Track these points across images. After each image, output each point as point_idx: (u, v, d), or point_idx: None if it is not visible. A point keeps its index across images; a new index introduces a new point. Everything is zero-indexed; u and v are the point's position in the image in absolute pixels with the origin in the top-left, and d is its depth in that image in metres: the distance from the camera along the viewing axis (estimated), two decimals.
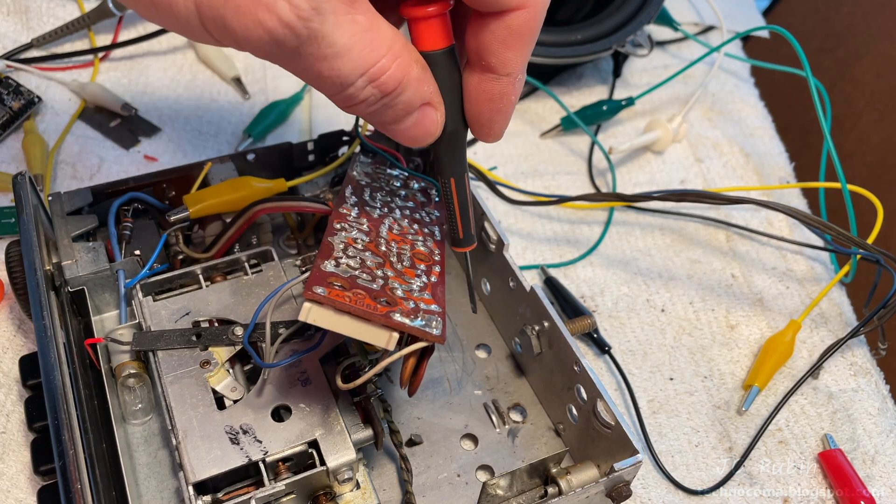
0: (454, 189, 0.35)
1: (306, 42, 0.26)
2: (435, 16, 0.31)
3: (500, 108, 0.32)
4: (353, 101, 0.29)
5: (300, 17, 0.25)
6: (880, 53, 0.87)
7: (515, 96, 0.32)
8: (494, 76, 0.31)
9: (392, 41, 0.28)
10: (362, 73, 0.27)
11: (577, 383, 0.40)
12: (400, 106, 0.30)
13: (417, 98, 0.30)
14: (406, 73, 0.29)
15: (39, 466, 0.39)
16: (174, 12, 0.25)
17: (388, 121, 0.30)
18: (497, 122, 0.33)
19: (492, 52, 0.30)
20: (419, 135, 0.31)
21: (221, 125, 0.62)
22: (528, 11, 0.29)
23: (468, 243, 0.38)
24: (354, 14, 0.26)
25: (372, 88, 0.28)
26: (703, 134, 0.66)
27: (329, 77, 0.27)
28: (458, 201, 0.36)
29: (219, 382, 0.39)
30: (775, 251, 0.58)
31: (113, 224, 0.45)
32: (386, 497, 0.41)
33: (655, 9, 0.65)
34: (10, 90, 0.59)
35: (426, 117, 0.31)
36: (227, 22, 0.25)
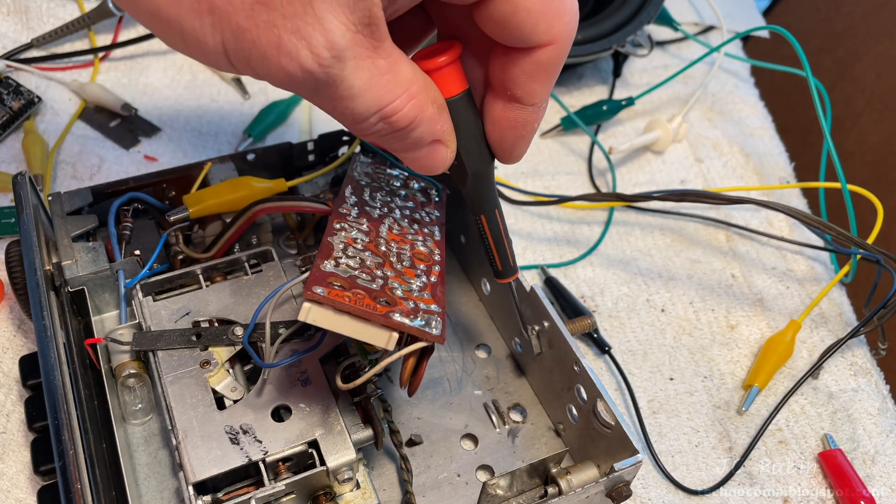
0: (488, 223, 0.36)
1: (325, 85, 0.27)
2: (446, 66, 0.31)
3: (523, 135, 0.33)
4: (365, 133, 0.30)
5: (321, 64, 0.26)
6: (880, 53, 0.87)
7: (538, 123, 0.33)
8: (520, 106, 0.32)
9: (410, 82, 0.29)
10: (375, 111, 0.28)
11: (577, 383, 0.40)
12: (410, 140, 0.30)
13: (429, 136, 0.31)
14: (419, 113, 0.29)
15: (39, 466, 0.39)
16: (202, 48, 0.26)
17: (397, 150, 0.31)
18: (519, 147, 0.33)
19: (518, 85, 0.31)
20: (427, 166, 0.32)
21: (221, 125, 0.62)
22: (555, 47, 0.29)
23: (510, 274, 0.38)
24: (376, 59, 0.27)
25: (383, 124, 0.29)
26: (703, 134, 0.66)
27: (343, 113, 0.28)
28: (492, 236, 0.37)
29: (219, 382, 0.39)
30: (775, 251, 0.58)
31: (113, 224, 0.45)
32: (386, 497, 0.41)
33: (655, 9, 0.65)
34: (10, 90, 0.59)
35: (436, 152, 0.32)
36: (252, 64, 0.26)
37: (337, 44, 0.25)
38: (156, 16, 0.26)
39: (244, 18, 0.25)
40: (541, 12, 0.28)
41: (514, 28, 0.28)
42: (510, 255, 0.38)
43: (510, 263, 0.38)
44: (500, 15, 0.28)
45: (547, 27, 0.29)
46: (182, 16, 0.26)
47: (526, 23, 0.28)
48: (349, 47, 0.26)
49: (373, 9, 0.26)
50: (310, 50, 0.25)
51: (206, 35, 0.26)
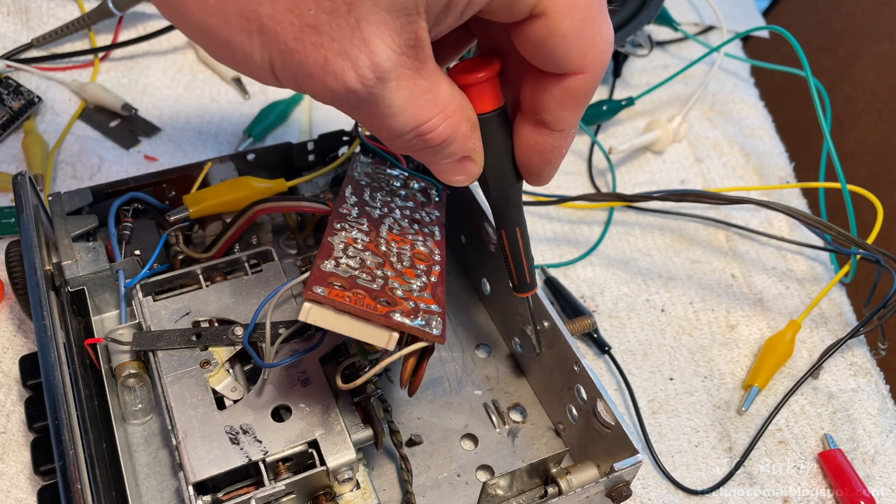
0: (507, 240, 0.36)
1: (366, 103, 0.27)
2: (483, 81, 0.31)
3: (550, 160, 0.33)
4: (399, 147, 0.30)
5: (364, 84, 0.26)
6: (880, 53, 0.87)
7: (567, 149, 0.33)
8: (548, 131, 0.32)
9: (447, 102, 0.29)
10: (412, 129, 0.29)
11: (577, 383, 0.40)
12: (441, 156, 0.31)
13: (460, 152, 0.31)
14: (454, 132, 0.30)
15: (39, 466, 0.39)
16: (249, 64, 0.27)
17: (428, 162, 0.32)
18: (547, 171, 0.34)
19: (548, 111, 0.31)
20: (454, 179, 0.33)
21: (221, 125, 0.62)
22: (587, 76, 0.30)
23: (526, 290, 0.39)
24: (418, 79, 0.28)
25: (418, 140, 0.29)
26: (703, 134, 0.66)
27: (381, 129, 0.29)
28: (510, 252, 0.37)
29: (219, 382, 0.39)
30: (775, 251, 0.58)
31: (113, 224, 0.45)
32: (386, 497, 0.41)
33: (655, 9, 0.65)
34: (10, 90, 0.59)
35: (464, 167, 0.32)
36: (298, 81, 0.27)
37: (382, 66, 0.26)
38: (205, 33, 0.27)
39: (293, 39, 0.26)
40: (576, 39, 0.28)
41: (548, 52, 0.29)
42: (528, 272, 0.38)
43: (527, 280, 0.38)
44: (537, 37, 0.28)
45: (580, 54, 0.29)
46: (232, 35, 0.26)
47: (560, 48, 0.28)
48: (393, 69, 0.26)
49: (419, 32, 0.26)
50: (355, 71, 0.26)
51: (255, 53, 0.26)
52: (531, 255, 0.38)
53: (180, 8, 0.26)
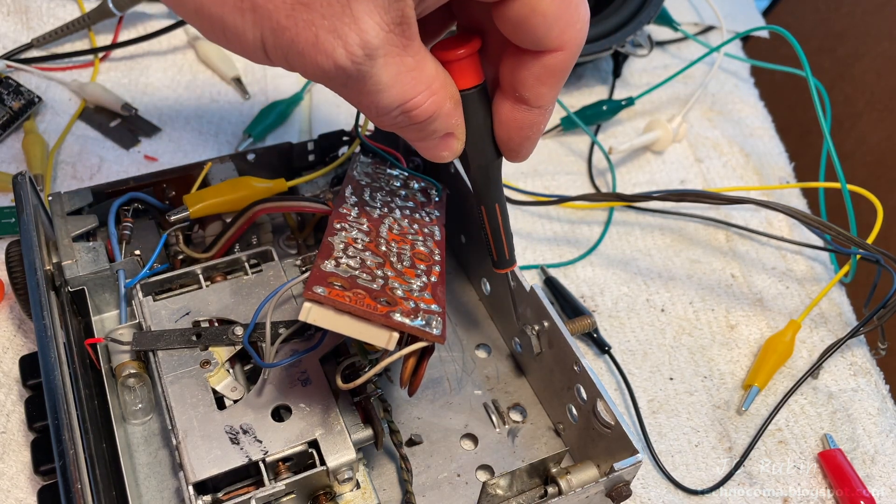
0: (487, 216, 0.37)
1: (354, 80, 0.28)
2: (464, 58, 0.32)
3: (529, 136, 0.34)
4: (384, 124, 0.31)
5: (353, 61, 0.27)
6: (880, 53, 0.87)
7: (545, 125, 0.34)
8: (526, 107, 0.33)
9: (432, 79, 0.30)
10: (398, 105, 0.30)
11: (577, 383, 0.40)
12: (426, 132, 0.32)
13: (444, 129, 0.32)
14: (438, 108, 0.31)
15: (39, 466, 0.39)
16: (241, 42, 0.28)
17: (412, 139, 0.33)
18: (525, 147, 0.34)
19: (527, 87, 0.32)
20: (437, 155, 0.34)
21: (221, 125, 0.62)
22: (565, 53, 0.31)
23: (505, 265, 0.40)
24: (404, 56, 0.28)
25: (404, 117, 0.30)
26: (703, 134, 0.66)
27: (368, 106, 0.30)
28: (490, 228, 0.38)
29: (219, 382, 0.39)
30: (775, 251, 0.58)
31: (113, 224, 0.45)
32: (386, 497, 0.41)
33: (655, 9, 0.65)
34: (10, 90, 0.59)
35: (447, 143, 0.33)
36: (289, 59, 0.28)
37: (370, 43, 0.27)
38: (199, 12, 0.27)
39: (284, 17, 0.26)
40: (555, 17, 0.29)
41: (528, 30, 0.29)
42: (507, 249, 0.39)
43: (506, 256, 0.39)
44: (517, 16, 0.29)
45: (559, 32, 0.30)
46: (225, 13, 0.27)
47: (540, 26, 0.29)
48: (381, 46, 0.27)
49: (405, 10, 0.27)
50: (345, 48, 0.27)
51: (247, 31, 0.27)
52: (510, 232, 0.38)
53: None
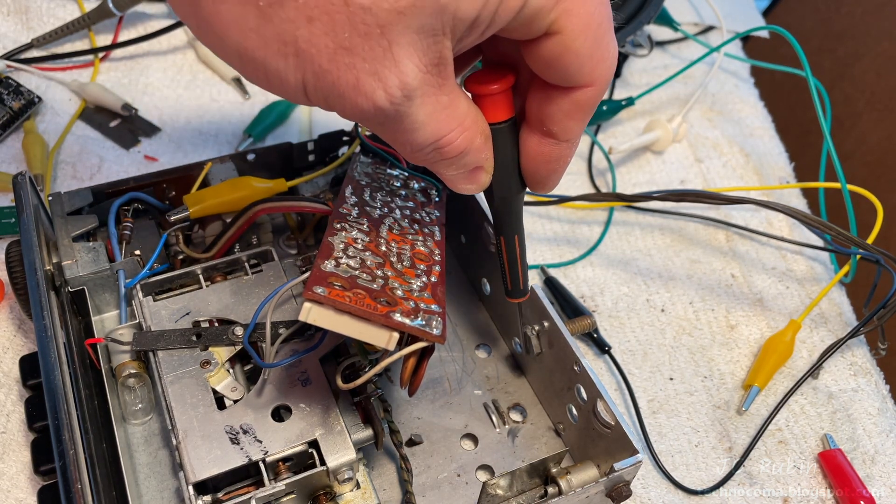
0: (506, 246, 0.37)
1: (392, 119, 0.28)
2: (497, 93, 0.32)
3: (555, 169, 0.34)
4: (417, 160, 0.31)
5: (392, 102, 0.27)
6: (880, 53, 0.87)
7: (571, 157, 0.34)
8: (554, 141, 0.33)
9: (465, 115, 0.30)
10: (432, 142, 0.30)
11: (577, 383, 0.40)
12: (456, 166, 0.32)
13: (473, 163, 0.32)
14: (469, 144, 0.31)
15: (39, 466, 0.39)
16: (283, 85, 0.28)
17: (442, 172, 0.33)
18: (552, 180, 0.35)
19: (555, 122, 0.32)
20: (464, 188, 0.34)
21: (221, 125, 0.62)
22: (594, 89, 0.31)
23: (519, 296, 0.39)
24: (440, 95, 0.29)
25: (436, 153, 0.31)
26: (703, 134, 0.66)
27: (403, 143, 0.30)
28: (507, 259, 0.38)
29: (219, 382, 0.39)
30: (775, 251, 0.58)
31: (113, 224, 0.45)
32: (386, 497, 0.41)
33: (655, 9, 0.65)
34: (10, 90, 0.59)
35: (475, 177, 0.33)
36: (329, 100, 0.28)
37: (409, 84, 0.27)
38: (242, 56, 0.28)
39: (327, 61, 0.26)
40: (587, 55, 0.29)
41: (560, 68, 0.29)
42: (522, 279, 0.39)
43: (520, 286, 0.39)
44: (550, 54, 0.29)
45: (591, 69, 0.30)
46: (268, 57, 0.27)
47: (572, 64, 0.29)
48: (419, 87, 0.27)
49: (444, 51, 0.27)
50: (385, 90, 0.27)
51: (289, 74, 0.27)
52: (526, 264, 0.38)
53: (218, 32, 0.27)
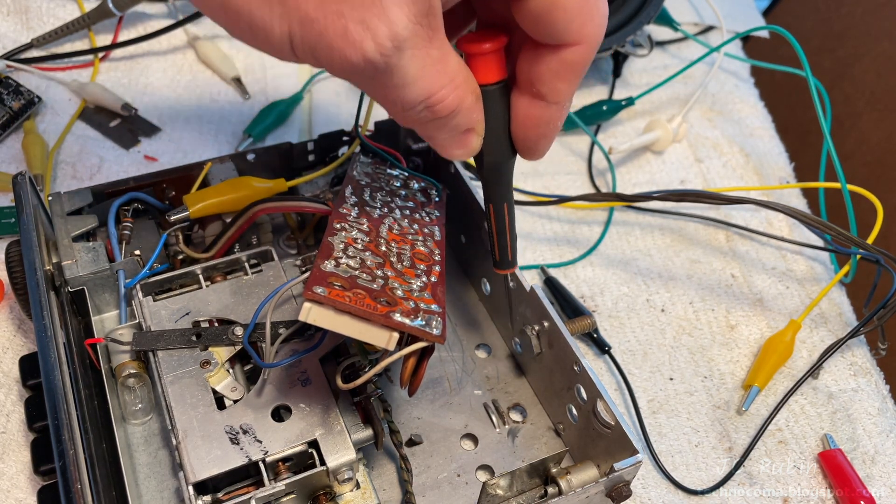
0: (495, 215, 0.37)
1: (382, 73, 0.28)
2: (490, 52, 0.32)
3: (545, 133, 0.34)
4: (407, 119, 0.31)
5: (382, 54, 0.27)
6: (880, 53, 0.87)
7: (561, 121, 0.34)
8: (544, 103, 0.32)
9: (455, 72, 0.30)
10: (423, 99, 0.29)
11: (577, 383, 0.40)
12: (448, 128, 0.32)
13: (465, 124, 0.32)
14: (460, 103, 0.31)
15: (39, 466, 0.39)
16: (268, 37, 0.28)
17: (432, 135, 0.32)
18: (542, 145, 0.34)
19: (544, 82, 0.32)
20: (458, 154, 0.33)
21: (221, 125, 0.62)
22: (583, 48, 0.30)
23: (507, 267, 0.39)
24: (430, 49, 0.28)
25: (427, 112, 0.30)
26: (703, 134, 0.66)
27: (393, 100, 0.30)
28: (496, 227, 0.37)
29: (219, 382, 0.39)
30: (775, 251, 0.58)
31: (113, 224, 0.45)
32: (386, 497, 0.41)
33: (655, 9, 0.65)
34: (10, 90, 0.59)
35: (466, 140, 0.33)
36: (317, 53, 0.27)
37: (399, 34, 0.27)
38: (225, 7, 0.27)
39: (313, 8, 0.26)
40: (576, 11, 0.29)
41: (548, 23, 0.29)
42: (510, 250, 0.39)
43: (508, 257, 0.39)
44: (538, 9, 0.29)
45: (579, 26, 0.30)
46: (252, 7, 0.27)
47: (560, 20, 0.29)
48: (409, 38, 0.27)
49: (433, 1, 0.27)
50: (374, 40, 0.27)
51: (274, 25, 0.27)
52: (515, 234, 0.38)
53: None
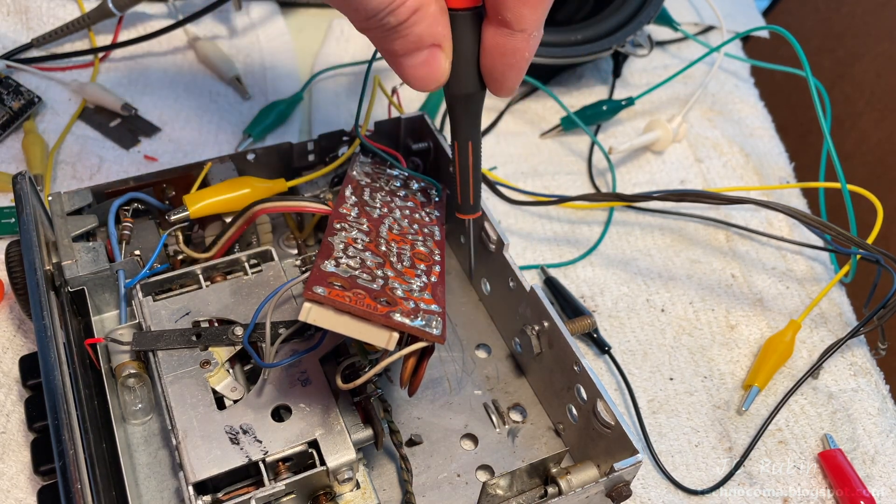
0: (459, 153, 0.36)
1: None
2: None
3: (513, 64, 0.33)
4: (371, 26, 0.31)
5: None
6: (880, 53, 0.87)
7: (530, 53, 0.33)
8: (509, 31, 0.32)
9: None
10: (386, 6, 0.30)
11: (577, 383, 0.40)
12: (411, 38, 0.31)
13: (428, 36, 0.31)
14: (422, 6, 0.30)
15: (39, 466, 0.39)
16: None
17: (399, 51, 0.32)
18: (510, 77, 0.34)
19: (507, 7, 0.31)
20: (425, 76, 0.33)
21: (221, 125, 0.62)
22: None
23: (472, 211, 0.39)
24: None
25: (389, 17, 0.30)
26: (703, 134, 0.66)
27: (356, 9, 0.30)
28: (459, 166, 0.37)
29: (219, 382, 0.39)
30: (775, 251, 0.58)
31: (113, 224, 0.45)
32: (386, 497, 0.41)
33: (655, 9, 0.65)
34: (10, 90, 0.59)
35: (434, 59, 0.32)
36: None
37: None
38: None
39: None
40: None
41: None
42: (473, 194, 0.38)
43: (470, 202, 0.39)
44: None
45: None
46: None
47: None
48: None
49: None
50: None
51: None
52: (479, 177, 0.38)
53: None
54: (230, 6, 0.69)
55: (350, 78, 0.66)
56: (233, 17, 0.69)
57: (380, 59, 0.38)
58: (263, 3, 0.71)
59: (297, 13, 0.72)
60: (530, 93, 0.68)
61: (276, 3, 0.71)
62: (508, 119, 0.66)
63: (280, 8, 0.71)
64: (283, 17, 0.71)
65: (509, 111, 0.67)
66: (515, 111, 0.67)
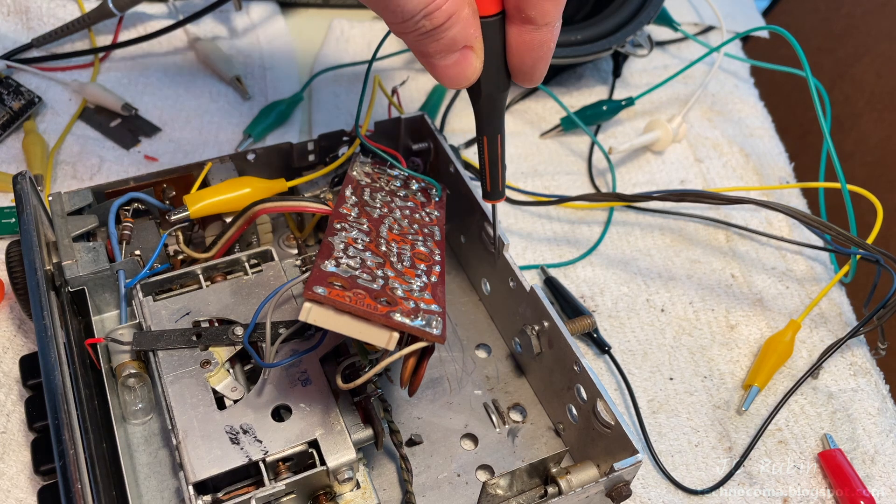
0: (488, 146, 0.38)
1: None
2: None
3: (541, 56, 0.35)
4: (407, 30, 0.32)
5: None
6: (880, 53, 0.87)
7: (554, 43, 0.35)
8: (534, 27, 0.34)
9: None
10: (422, 8, 0.31)
11: (577, 383, 0.40)
12: (445, 41, 0.33)
13: (462, 38, 0.33)
14: (457, 11, 0.32)
15: (40, 466, 0.39)
16: None
17: (433, 52, 0.33)
18: (539, 68, 0.36)
19: (531, 5, 0.33)
20: (457, 75, 0.35)
21: (221, 125, 0.62)
22: None
23: (497, 197, 0.41)
24: None
25: (425, 21, 0.32)
26: (703, 134, 0.66)
27: (394, 11, 0.31)
28: (489, 158, 0.39)
29: (219, 382, 0.39)
30: (775, 251, 0.58)
31: (113, 224, 0.45)
32: (386, 497, 0.41)
33: (655, 9, 0.65)
34: (10, 90, 0.59)
35: (466, 59, 0.34)
36: None
37: None
38: None
39: None
40: None
41: None
42: (501, 181, 0.40)
43: (499, 188, 0.40)
44: None
45: None
46: None
47: None
48: None
49: None
50: None
51: None
52: (505, 165, 0.40)
53: None
54: (230, 6, 0.69)
55: (350, 78, 0.66)
56: (233, 17, 0.69)
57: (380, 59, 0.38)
58: (263, 4, 0.71)
59: (297, 13, 0.72)
60: (530, 93, 0.68)
61: (276, 4, 0.71)
62: (508, 119, 0.66)
63: (280, 8, 0.71)
64: (283, 18, 0.71)
65: (509, 111, 0.67)
66: (515, 111, 0.67)
